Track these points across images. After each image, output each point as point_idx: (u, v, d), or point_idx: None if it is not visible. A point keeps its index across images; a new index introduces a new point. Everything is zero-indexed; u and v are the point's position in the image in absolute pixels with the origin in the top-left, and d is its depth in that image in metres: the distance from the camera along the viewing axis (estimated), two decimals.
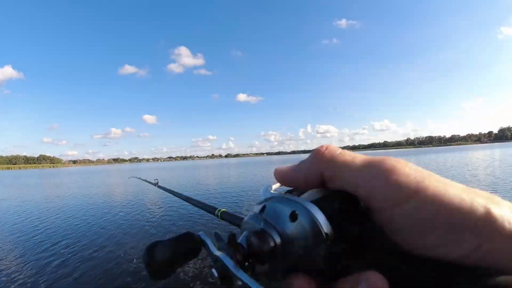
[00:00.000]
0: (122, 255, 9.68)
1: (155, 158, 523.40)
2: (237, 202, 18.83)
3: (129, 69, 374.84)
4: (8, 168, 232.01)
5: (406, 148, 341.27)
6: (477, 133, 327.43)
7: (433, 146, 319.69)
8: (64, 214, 17.57)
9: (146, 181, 7.21)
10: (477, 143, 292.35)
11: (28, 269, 8.77)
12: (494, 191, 17.00)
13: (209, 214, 2.48)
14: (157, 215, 15.87)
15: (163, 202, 20.55)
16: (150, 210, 17.46)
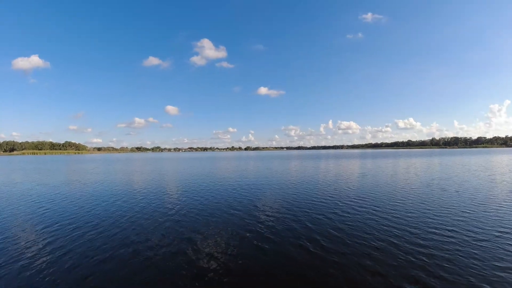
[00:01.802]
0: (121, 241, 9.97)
1: (176, 148, 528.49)
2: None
3: (153, 60, 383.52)
4: (33, 153, 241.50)
5: (430, 148, 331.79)
6: (504, 136, 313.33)
7: (459, 148, 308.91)
8: (76, 198, 18.35)
9: None
10: (503, 147, 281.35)
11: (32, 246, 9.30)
12: (511, 200, 16.22)
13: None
14: (168, 205, 16.31)
15: (176, 191, 20.93)
16: (162, 199, 18.00)
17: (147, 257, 8.50)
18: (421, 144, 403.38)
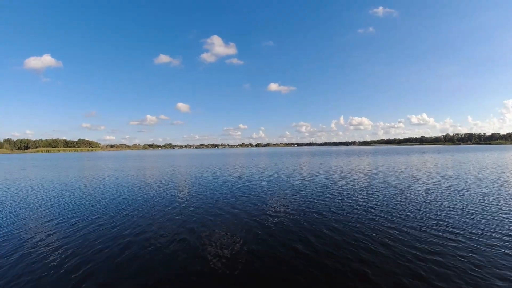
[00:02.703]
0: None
1: (188, 145, 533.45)
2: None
3: (163, 58, 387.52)
4: (47, 151, 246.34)
5: (444, 144, 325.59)
6: None
7: (473, 144, 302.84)
8: (81, 193, 18.37)
9: None
10: None
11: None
12: None
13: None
14: (171, 202, 16.13)
15: (186, 187, 21.00)
16: (172, 195, 17.82)
17: (142, 252, 8.56)
18: (435, 140, 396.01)
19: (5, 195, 19.74)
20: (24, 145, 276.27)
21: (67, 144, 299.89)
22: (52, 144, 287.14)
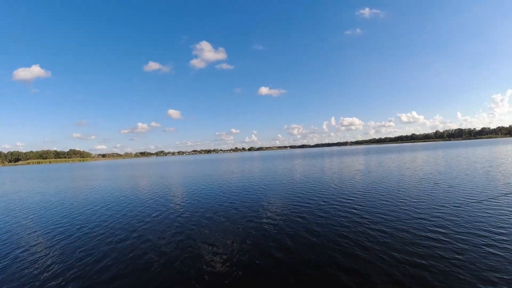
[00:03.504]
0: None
1: (180, 151, 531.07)
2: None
3: (153, 65, 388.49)
4: (38, 163, 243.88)
5: (435, 141, 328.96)
6: (507, 126, 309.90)
7: (463, 139, 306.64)
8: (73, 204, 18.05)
9: None
10: (507, 136, 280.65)
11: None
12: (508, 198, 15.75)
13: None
14: (154, 211, 15.87)
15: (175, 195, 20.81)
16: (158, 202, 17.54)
17: (122, 259, 8.42)
18: (425, 138, 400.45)
19: None
20: (15, 158, 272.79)
21: (58, 155, 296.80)
22: (43, 156, 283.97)
